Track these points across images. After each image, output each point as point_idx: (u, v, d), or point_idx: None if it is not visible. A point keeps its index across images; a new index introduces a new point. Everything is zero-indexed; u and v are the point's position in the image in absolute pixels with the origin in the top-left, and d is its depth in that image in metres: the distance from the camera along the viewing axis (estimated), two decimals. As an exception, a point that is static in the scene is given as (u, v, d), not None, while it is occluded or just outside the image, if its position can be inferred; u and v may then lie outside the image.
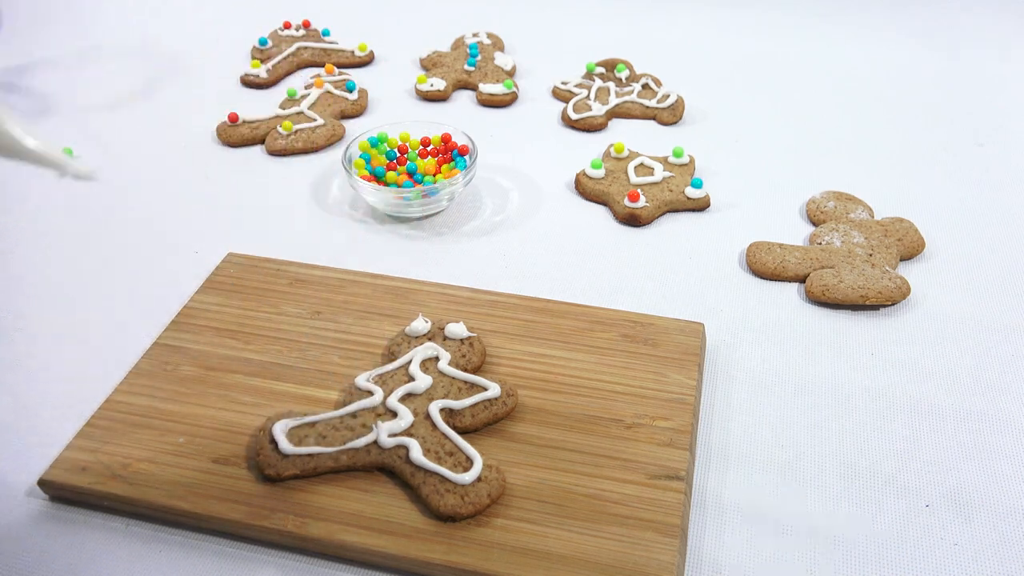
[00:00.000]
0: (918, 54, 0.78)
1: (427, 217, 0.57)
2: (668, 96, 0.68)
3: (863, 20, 0.84)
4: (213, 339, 0.45)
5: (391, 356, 0.43)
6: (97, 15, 0.86)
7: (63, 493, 0.38)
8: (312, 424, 0.39)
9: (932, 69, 0.75)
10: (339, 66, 0.75)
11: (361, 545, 0.35)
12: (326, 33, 0.79)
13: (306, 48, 0.76)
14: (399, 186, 0.54)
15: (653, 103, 0.68)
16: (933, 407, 0.43)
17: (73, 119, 0.68)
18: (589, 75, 0.72)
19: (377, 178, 0.55)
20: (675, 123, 0.67)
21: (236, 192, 0.59)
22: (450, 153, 0.58)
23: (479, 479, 0.37)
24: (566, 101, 0.70)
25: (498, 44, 0.77)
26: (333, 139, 0.64)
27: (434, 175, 0.56)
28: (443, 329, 0.44)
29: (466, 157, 0.57)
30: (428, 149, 0.59)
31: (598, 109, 0.67)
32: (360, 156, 0.57)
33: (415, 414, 0.39)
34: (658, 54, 0.76)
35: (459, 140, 0.58)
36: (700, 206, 0.57)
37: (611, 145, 0.61)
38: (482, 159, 0.62)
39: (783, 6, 0.86)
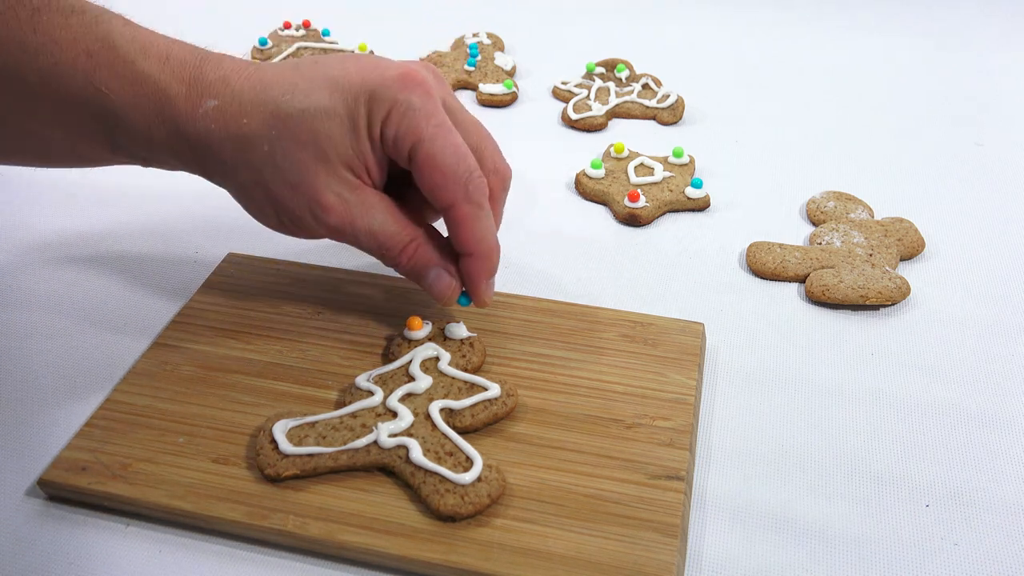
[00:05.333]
0: (918, 54, 0.78)
1: (427, 217, 0.57)
2: (668, 96, 0.68)
3: (863, 20, 0.84)
4: (213, 339, 0.45)
5: (391, 356, 0.43)
6: (97, 15, 0.86)
7: (63, 493, 0.38)
8: (312, 424, 0.39)
9: (932, 69, 0.75)
10: (339, 66, 0.75)
11: (361, 545, 0.35)
12: (326, 33, 0.79)
13: (306, 48, 0.76)
14: None
15: (653, 103, 0.68)
16: (933, 407, 0.43)
17: (73, 119, 0.68)
18: (589, 75, 0.72)
19: None
20: (675, 123, 0.67)
21: (236, 192, 0.59)
22: None
23: (479, 479, 0.37)
24: (566, 101, 0.70)
25: (498, 44, 0.77)
26: (333, 139, 0.64)
27: None
28: (443, 329, 0.44)
29: None
30: None
31: (598, 109, 0.67)
32: None
33: (415, 414, 0.39)
34: (658, 54, 0.76)
35: None
36: (700, 206, 0.57)
37: (611, 145, 0.61)
38: (482, 159, 0.62)
39: (783, 6, 0.86)
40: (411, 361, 0.42)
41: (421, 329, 0.44)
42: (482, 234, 0.40)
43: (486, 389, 0.40)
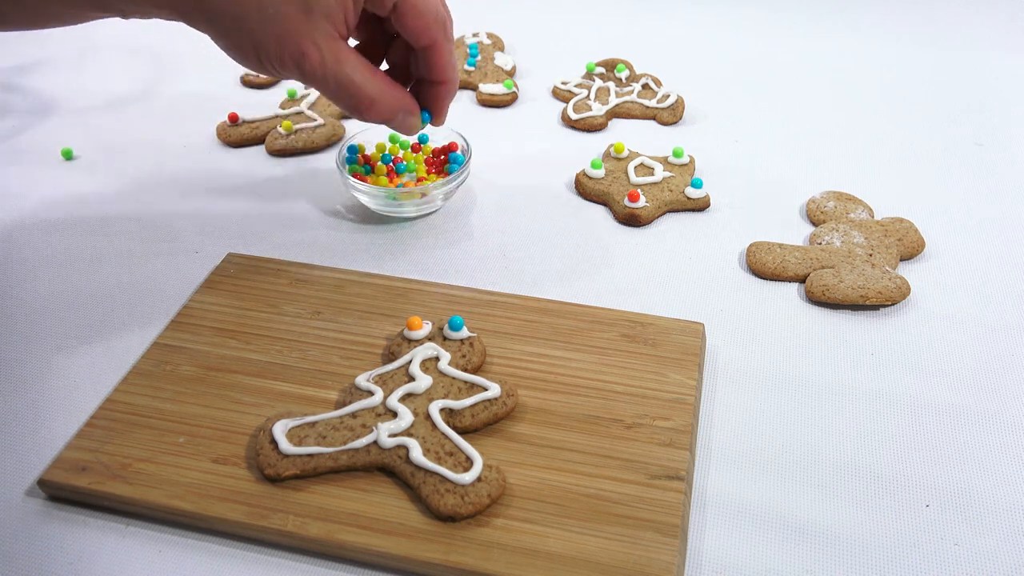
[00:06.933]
0: (918, 54, 0.78)
1: (422, 216, 0.56)
2: (668, 96, 0.68)
3: (863, 20, 0.84)
4: (213, 339, 0.45)
5: (391, 356, 0.43)
6: (97, 15, 0.86)
7: (63, 493, 0.38)
8: (312, 424, 0.39)
9: (932, 69, 0.75)
10: (339, 66, 0.75)
11: (361, 545, 0.35)
12: (326, 33, 0.79)
13: (306, 48, 0.76)
14: (392, 185, 0.54)
15: (653, 103, 0.68)
16: (933, 407, 0.43)
17: (73, 119, 0.68)
18: (589, 75, 0.72)
19: (364, 175, 0.55)
20: (675, 123, 0.67)
21: (236, 192, 0.59)
22: (446, 155, 0.58)
23: (479, 479, 0.37)
24: (566, 101, 0.70)
25: (498, 44, 0.77)
26: (333, 139, 0.64)
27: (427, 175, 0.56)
28: (443, 329, 0.44)
29: (459, 153, 0.57)
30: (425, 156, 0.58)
31: (598, 109, 0.67)
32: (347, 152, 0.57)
33: (415, 414, 0.39)
34: (658, 54, 0.76)
35: (454, 140, 0.58)
36: (700, 206, 0.57)
37: (611, 145, 0.61)
38: (482, 159, 0.62)
39: (783, 6, 0.86)
40: (411, 361, 0.42)
41: (421, 329, 0.44)
42: (454, 63, 0.47)
43: (486, 389, 0.40)
